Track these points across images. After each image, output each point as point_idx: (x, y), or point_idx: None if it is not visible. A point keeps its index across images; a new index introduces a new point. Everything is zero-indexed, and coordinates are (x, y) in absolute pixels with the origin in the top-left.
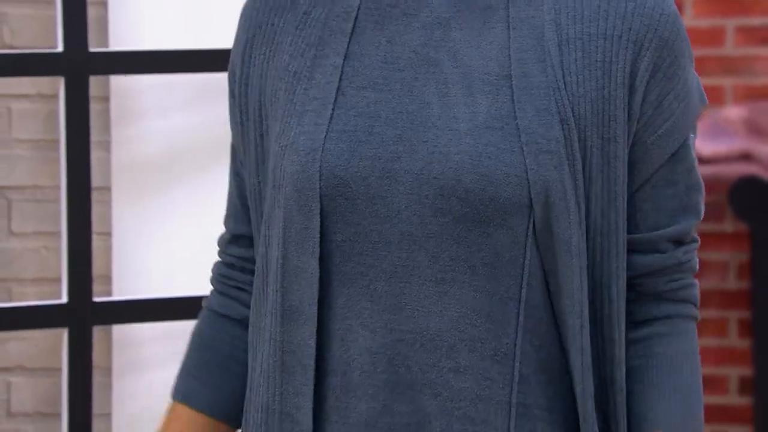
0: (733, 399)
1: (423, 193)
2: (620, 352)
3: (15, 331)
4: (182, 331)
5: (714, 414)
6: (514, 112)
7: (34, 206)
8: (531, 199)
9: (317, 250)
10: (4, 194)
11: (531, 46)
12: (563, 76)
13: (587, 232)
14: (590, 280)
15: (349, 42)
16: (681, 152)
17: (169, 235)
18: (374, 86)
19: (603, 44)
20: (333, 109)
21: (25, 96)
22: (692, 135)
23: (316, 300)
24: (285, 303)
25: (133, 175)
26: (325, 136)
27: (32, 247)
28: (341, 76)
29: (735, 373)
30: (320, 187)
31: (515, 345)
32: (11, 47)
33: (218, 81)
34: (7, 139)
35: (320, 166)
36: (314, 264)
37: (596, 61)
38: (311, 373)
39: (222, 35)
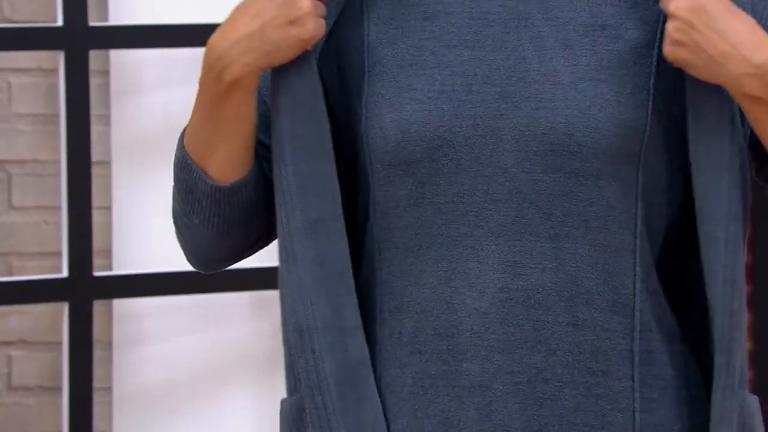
0: None
1: (531, 149)
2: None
3: (16, 306)
4: (182, 305)
5: None
6: (615, 62)
7: (34, 180)
8: (641, 148)
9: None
10: (4, 168)
11: None
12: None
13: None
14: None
15: (431, 1)
16: None
17: (169, 210)
18: (465, 44)
19: None
20: (426, 70)
21: (25, 70)
22: None
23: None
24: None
25: (133, 150)
26: (423, 98)
27: (32, 221)
28: (428, 35)
29: None
30: (425, 149)
31: (634, 294)
32: (11, 21)
33: None
34: (7, 114)
35: (423, 128)
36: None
37: None
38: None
39: (220, 9)
